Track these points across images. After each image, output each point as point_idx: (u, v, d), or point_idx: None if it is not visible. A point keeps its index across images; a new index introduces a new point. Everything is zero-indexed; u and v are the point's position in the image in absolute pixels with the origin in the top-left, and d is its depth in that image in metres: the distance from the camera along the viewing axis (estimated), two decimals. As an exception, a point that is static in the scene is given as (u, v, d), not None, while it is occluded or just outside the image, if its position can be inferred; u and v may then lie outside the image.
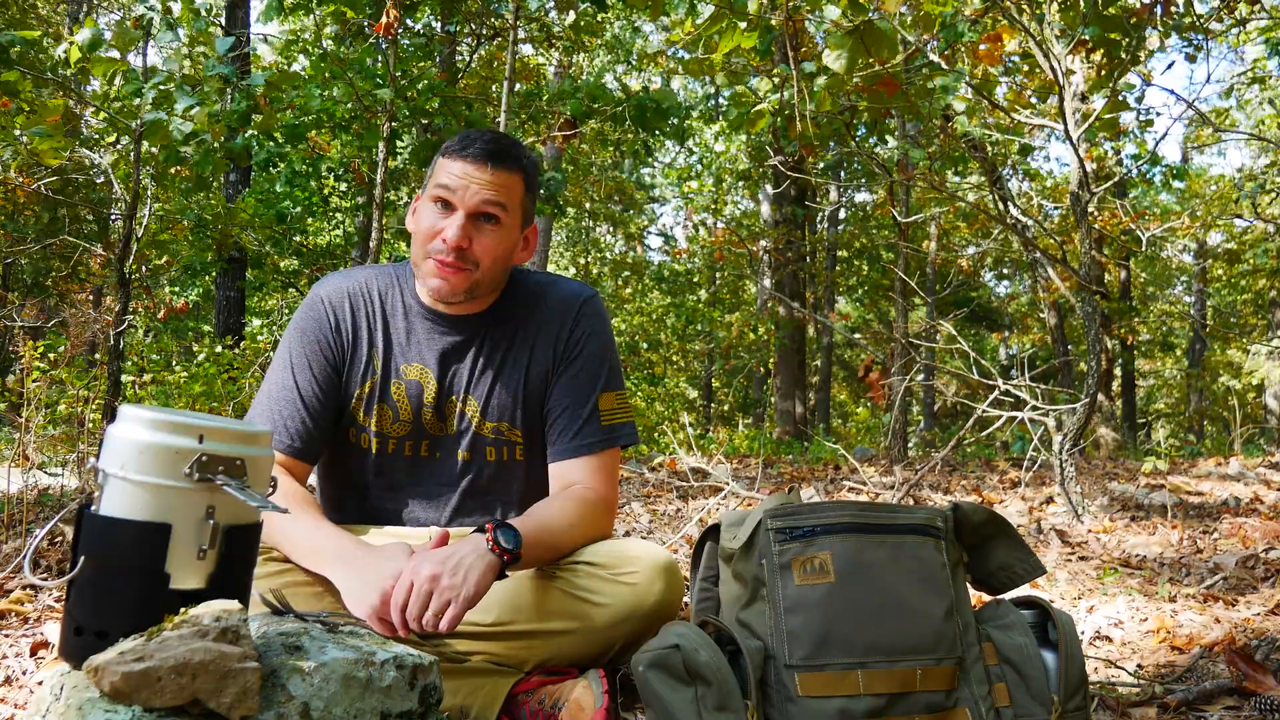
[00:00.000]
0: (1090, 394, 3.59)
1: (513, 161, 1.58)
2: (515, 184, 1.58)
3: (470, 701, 1.42)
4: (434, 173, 1.60)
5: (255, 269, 9.56)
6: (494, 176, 1.55)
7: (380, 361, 1.66)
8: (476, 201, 1.54)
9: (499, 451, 1.68)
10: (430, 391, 1.66)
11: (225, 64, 3.77)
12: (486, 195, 1.54)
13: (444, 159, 1.58)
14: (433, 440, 1.68)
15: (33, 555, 1.95)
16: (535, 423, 1.68)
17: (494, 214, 1.56)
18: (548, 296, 1.70)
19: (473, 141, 1.56)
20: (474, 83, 9.26)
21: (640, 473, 5.14)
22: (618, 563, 1.53)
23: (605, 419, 1.66)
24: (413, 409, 1.66)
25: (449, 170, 1.56)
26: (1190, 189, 13.19)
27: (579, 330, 1.67)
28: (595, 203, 16.11)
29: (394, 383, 1.66)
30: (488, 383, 1.66)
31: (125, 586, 1.05)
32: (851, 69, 3.07)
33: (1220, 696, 1.62)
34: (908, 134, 8.27)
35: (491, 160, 1.55)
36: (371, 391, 1.66)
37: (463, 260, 1.55)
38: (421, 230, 1.58)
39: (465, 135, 1.59)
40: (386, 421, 1.66)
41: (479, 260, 1.56)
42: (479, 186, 1.54)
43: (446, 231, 1.54)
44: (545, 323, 1.67)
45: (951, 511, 1.42)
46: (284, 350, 1.67)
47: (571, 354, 1.66)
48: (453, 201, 1.55)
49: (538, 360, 1.67)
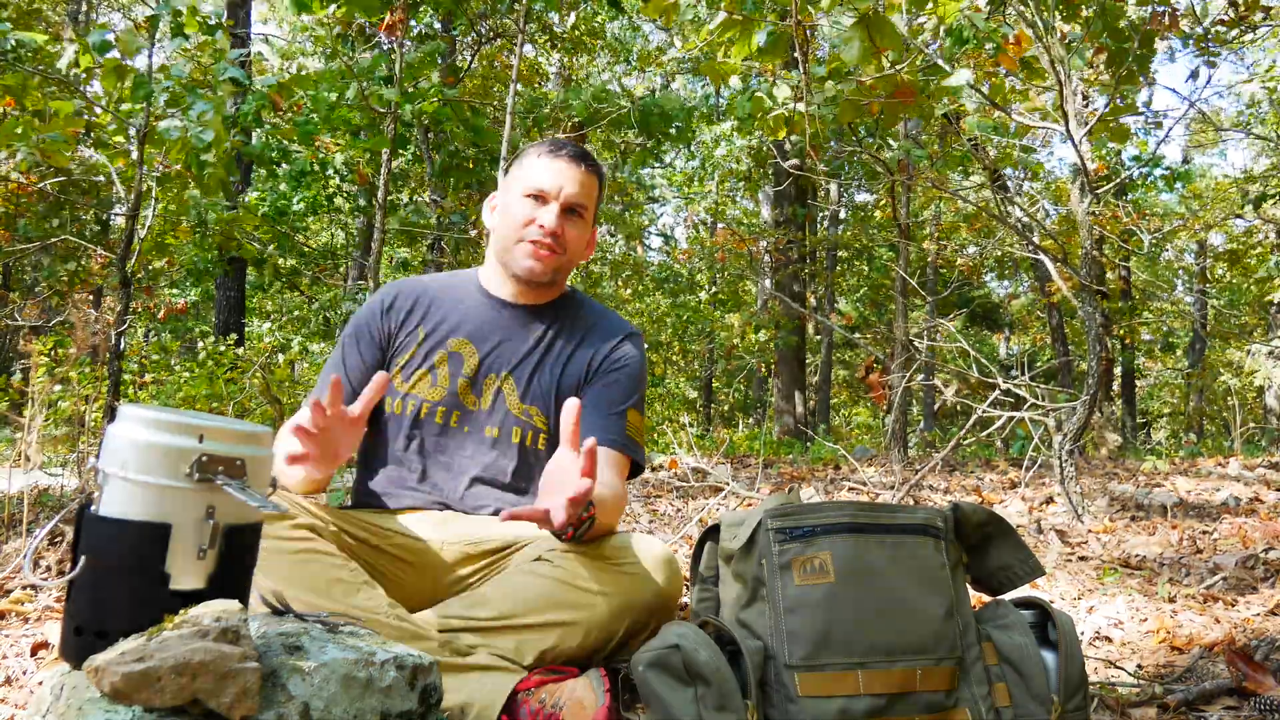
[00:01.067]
0: (1090, 394, 3.60)
1: (595, 167, 1.81)
2: (595, 186, 1.80)
3: (470, 701, 1.43)
4: (522, 171, 1.78)
5: (256, 269, 9.57)
6: (584, 176, 1.76)
7: (427, 334, 1.79)
8: (570, 195, 1.75)
9: (524, 435, 1.76)
10: (470, 364, 1.77)
11: (236, 67, 3.78)
12: (577, 190, 1.75)
13: (536, 159, 1.78)
14: (464, 413, 1.76)
15: (33, 555, 1.95)
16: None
17: (581, 208, 1.77)
18: (600, 317, 1.87)
19: (563, 146, 1.78)
20: (475, 84, 9.27)
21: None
22: (618, 554, 1.57)
23: (628, 430, 1.76)
24: (450, 378, 1.76)
25: (543, 168, 1.75)
26: (1191, 189, 13.19)
27: (620, 352, 1.82)
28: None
29: (438, 353, 1.78)
30: (530, 366, 1.78)
31: (125, 586, 1.05)
32: (863, 59, 3.08)
33: (1220, 696, 1.62)
34: (908, 134, 8.27)
35: (583, 161, 1.77)
36: (413, 359, 1.79)
37: (556, 245, 1.74)
38: (515, 220, 1.75)
39: (554, 141, 1.80)
40: (424, 385, 1.77)
41: (567, 246, 1.76)
42: (572, 182, 1.75)
43: (543, 218, 1.73)
44: (591, 334, 1.82)
45: (951, 511, 1.42)
46: (341, 337, 1.85)
47: (610, 368, 1.80)
48: (547, 195, 1.74)
49: (576, 362, 1.79)
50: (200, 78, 3.91)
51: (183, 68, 3.67)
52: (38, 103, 3.58)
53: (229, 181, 4.22)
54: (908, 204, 7.72)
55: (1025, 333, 16.29)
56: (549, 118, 6.40)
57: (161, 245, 5.17)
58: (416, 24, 6.99)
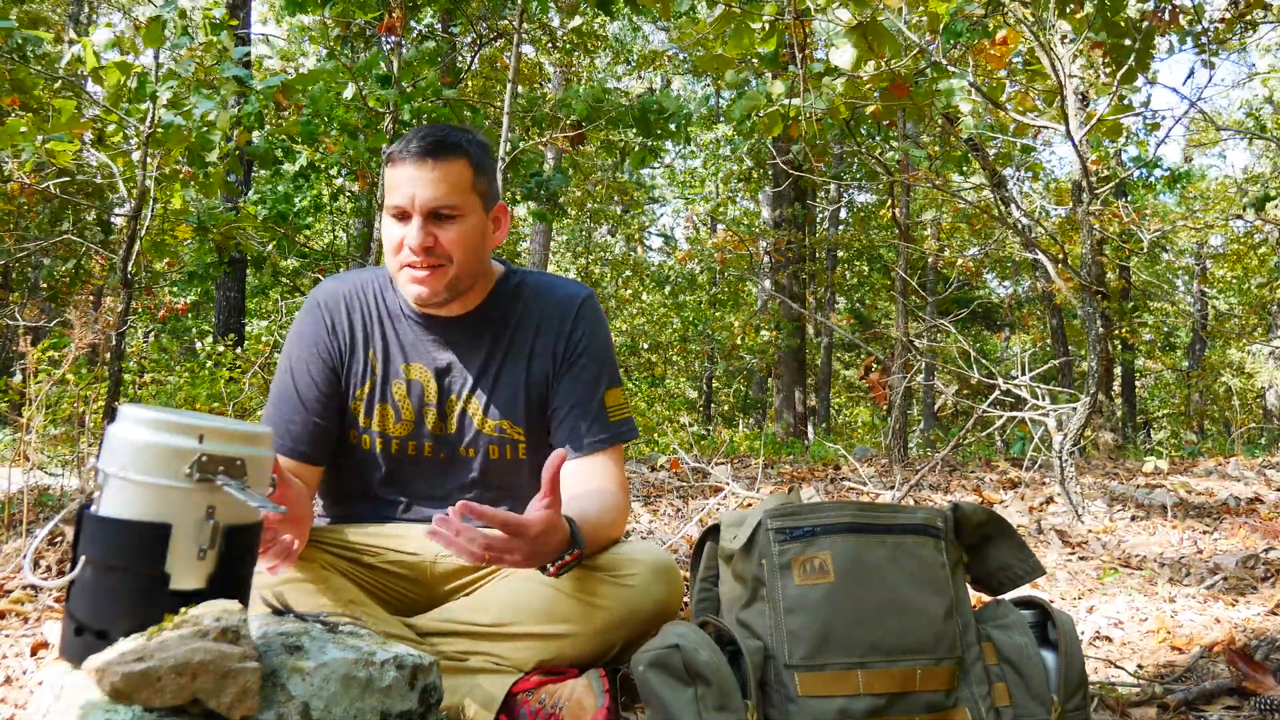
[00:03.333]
0: (1090, 394, 3.59)
1: (452, 150, 1.54)
2: (462, 172, 1.54)
3: (469, 701, 1.43)
4: (384, 184, 1.59)
5: (256, 270, 9.56)
6: (436, 172, 1.52)
7: (380, 362, 1.66)
8: (425, 201, 1.52)
9: (502, 450, 1.68)
10: (431, 391, 1.66)
11: (239, 66, 3.77)
12: (433, 192, 1.52)
13: (389, 168, 1.56)
14: (436, 440, 1.68)
15: (33, 555, 1.95)
16: (536, 421, 1.68)
17: (448, 208, 1.53)
18: (545, 297, 1.70)
19: (409, 142, 1.54)
20: (476, 84, 9.26)
21: (641, 473, 5.14)
22: (617, 565, 1.53)
23: (612, 415, 1.66)
24: (415, 409, 1.66)
25: (395, 179, 1.54)
26: (1193, 187, 13.18)
27: (579, 330, 1.68)
28: (596, 204, 16.11)
29: (394, 383, 1.66)
30: (489, 382, 1.66)
31: (125, 586, 1.05)
32: (859, 65, 3.08)
33: (1220, 696, 1.62)
34: (908, 134, 8.27)
35: (431, 156, 1.52)
36: (372, 392, 1.67)
37: (433, 258, 1.54)
38: (388, 245, 1.57)
39: (404, 138, 1.57)
40: (388, 421, 1.67)
41: (451, 254, 1.55)
42: (424, 186, 1.51)
43: (408, 239, 1.53)
44: (544, 322, 1.68)
45: (951, 511, 1.42)
46: (285, 357, 1.69)
47: (573, 353, 1.67)
48: (406, 208, 1.53)
49: (538, 360, 1.67)
50: (204, 77, 3.91)
51: (187, 67, 3.67)
52: (43, 101, 3.58)
53: (230, 182, 4.23)
54: (907, 205, 7.72)
55: (1025, 332, 16.28)
56: (548, 117, 6.39)
57: (162, 246, 5.16)
58: (416, 24, 6.99)
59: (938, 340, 10.25)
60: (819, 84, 3.53)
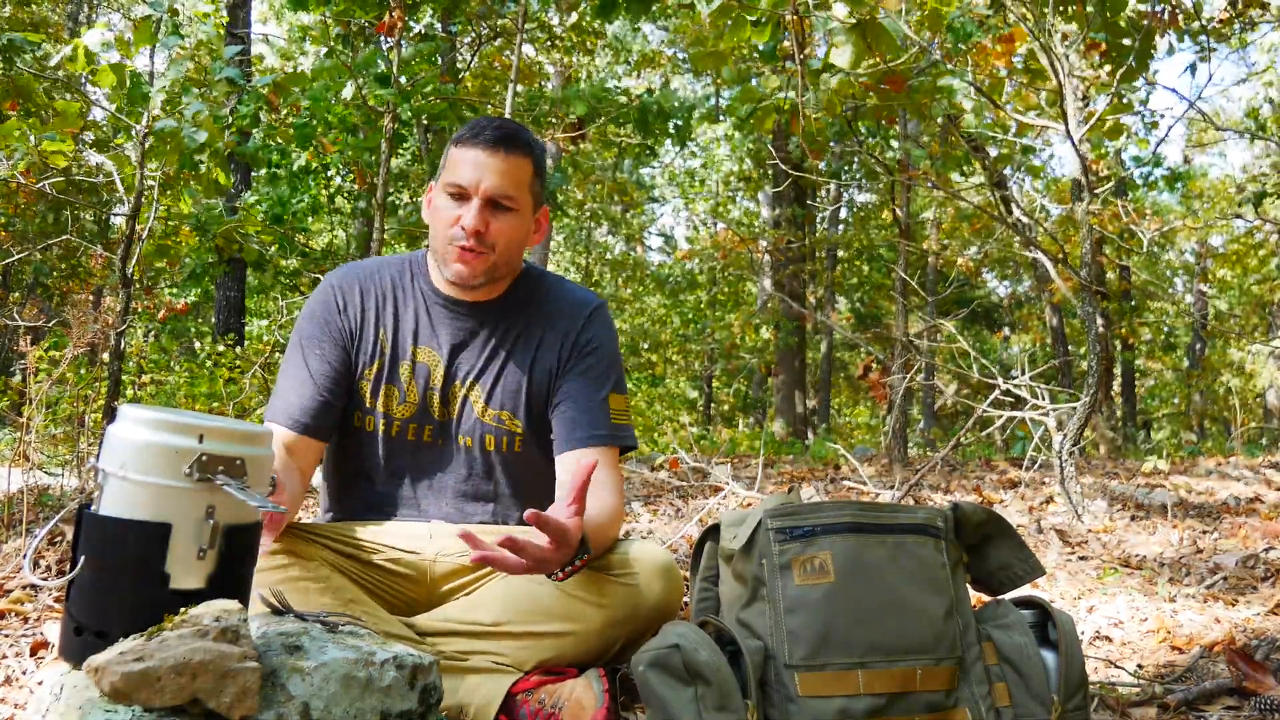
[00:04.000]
0: (1091, 394, 3.59)
1: (522, 147, 1.61)
2: (525, 168, 1.61)
3: (469, 701, 1.43)
4: (446, 163, 1.63)
5: (256, 271, 9.56)
6: (504, 163, 1.58)
7: (389, 342, 1.69)
8: (489, 188, 1.58)
9: (498, 441, 1.69)
10: (438, 375, 1.68)
11: (232, 66, 3.77)
12: (498, 181, 1.58)
13: (455, 149, 1.62)
14: (436, 425, 1.69)
15: (33, 555, 1.95)
16: (535, 416, 1.69)
17: (506, 199, 1.59)
18: (560, 297, 1.74)
19: (482, 129, 1.60)
20: (475, 84, 9.25)
21: (640, 472, 5.13)
22: (617, 564, 1.54)
23: (614, 418, 1.68)
24: (419, 391, 1.68)
25: (461, 159, 1.59)
26: (1192, 186, 13.18)
27: (589, 333, 1.71)
28: (597, 204, 16.11)
29: (403, 364, 1.69)
30: (494, 370, 1.68)
31: (125, 586, 1.05)
32: (857, 64, 3.08)
33: (1220, 696, 1.62)
34: (908, 134, 8.27)
35: (503, 146, 1.58)
36: (379, 372, 1.69)
37: (481, 244, 1.59)
38: (440, 220, 1.62)
39: (475, 124, 1.63)
40: (393, 402, 1.68)
41: (495, 243, 1.60)
42: (491, 173, 1.58)
43: (464, 219, 1.58)
44: (555, 320, 1.71)
45: (951, 511, 1.42)
46: (295, 335, 1.72)
47: (581, 352, 1.69)
48: (467, 190, 1.58)
49: (544, 355, 1.69)
50: (197, 77, 3.90)
51: (181, 68, 3.66)
52: (43, 104, 3.57)
53: (224, 183, 4.22)
54: (907, 204, 7.71)
55: (1025, 332, 16.28)
56: (548, 116, 6.39)
57: (162, 248, 5.16)
58: (416, 23, 6.99)
59: (938, 340, 10.25)
60: (817, 81, 3.53)
